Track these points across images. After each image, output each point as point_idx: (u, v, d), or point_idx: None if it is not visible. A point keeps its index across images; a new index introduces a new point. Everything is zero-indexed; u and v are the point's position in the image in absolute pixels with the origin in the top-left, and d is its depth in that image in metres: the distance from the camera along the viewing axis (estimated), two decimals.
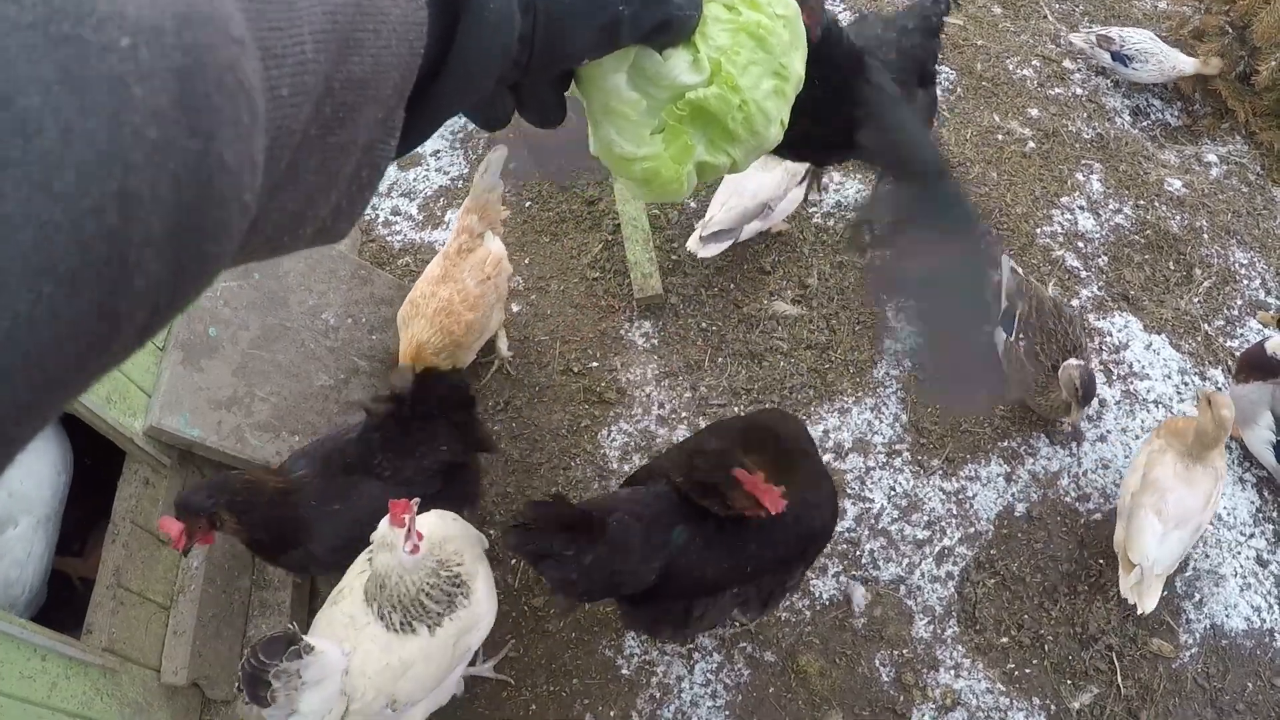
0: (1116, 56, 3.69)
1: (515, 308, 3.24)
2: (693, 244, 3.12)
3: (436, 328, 2.72)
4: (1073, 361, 2.74)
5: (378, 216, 3.74)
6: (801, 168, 3.02)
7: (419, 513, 1.92)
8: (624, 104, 0.75)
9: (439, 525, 2.10)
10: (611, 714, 2.60)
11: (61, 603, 2.52)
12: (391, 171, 3.88)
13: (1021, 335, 2.85)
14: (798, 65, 0.79)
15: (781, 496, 1.74)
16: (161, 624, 2.50)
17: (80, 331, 0.35)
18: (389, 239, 3.66)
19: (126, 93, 0.34)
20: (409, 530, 1.89)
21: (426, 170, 3.82)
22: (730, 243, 3.11)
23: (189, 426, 2.57)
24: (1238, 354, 3.04)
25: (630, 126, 0.76)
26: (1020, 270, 3.07)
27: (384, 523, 1.92)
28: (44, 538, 2.43)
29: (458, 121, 3.98)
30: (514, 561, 2.77)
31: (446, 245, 2.87)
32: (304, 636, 1.90)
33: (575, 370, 3.14)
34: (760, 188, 3.03)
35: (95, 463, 2.66)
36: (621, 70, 0.74)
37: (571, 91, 0.77)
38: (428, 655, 2.02)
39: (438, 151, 3.89)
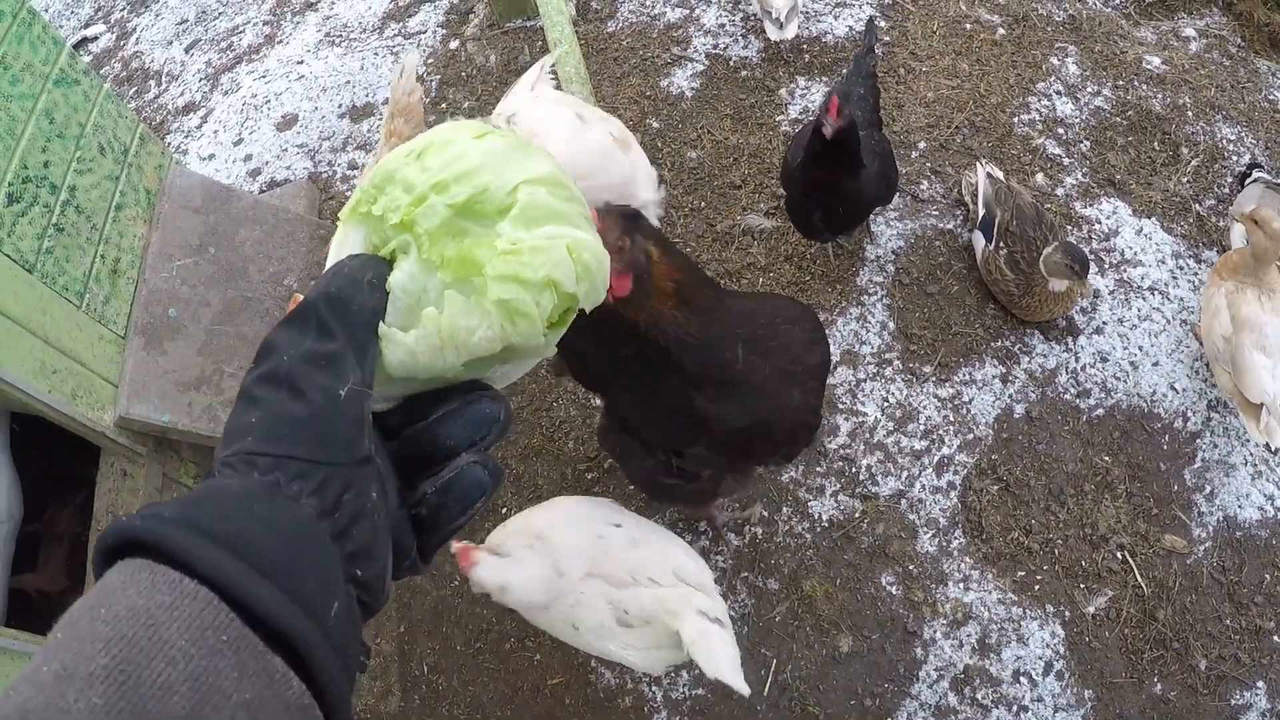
0: None
1: None
2: (774, 33, 3.30)
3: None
4: (1047, 249, 2.63)
5: (335, 173, 3.61)
6: None
7: None
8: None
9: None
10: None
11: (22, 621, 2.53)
12: (345, 125, 3.74)
13: (1002, 244, 2.74)
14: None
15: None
16: None
17: None
18: (348, 193, 3.53)
19: None
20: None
21: (380, 121, 3.66)
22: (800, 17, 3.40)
23: (159, 412, 2.49)
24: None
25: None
26: (999, 175, 2.94)
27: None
28: (1, 555, 2.39)
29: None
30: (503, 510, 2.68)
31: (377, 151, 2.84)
32: None
33: None
34: None
35: (44, 472, 2.63)
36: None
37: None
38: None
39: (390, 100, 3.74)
